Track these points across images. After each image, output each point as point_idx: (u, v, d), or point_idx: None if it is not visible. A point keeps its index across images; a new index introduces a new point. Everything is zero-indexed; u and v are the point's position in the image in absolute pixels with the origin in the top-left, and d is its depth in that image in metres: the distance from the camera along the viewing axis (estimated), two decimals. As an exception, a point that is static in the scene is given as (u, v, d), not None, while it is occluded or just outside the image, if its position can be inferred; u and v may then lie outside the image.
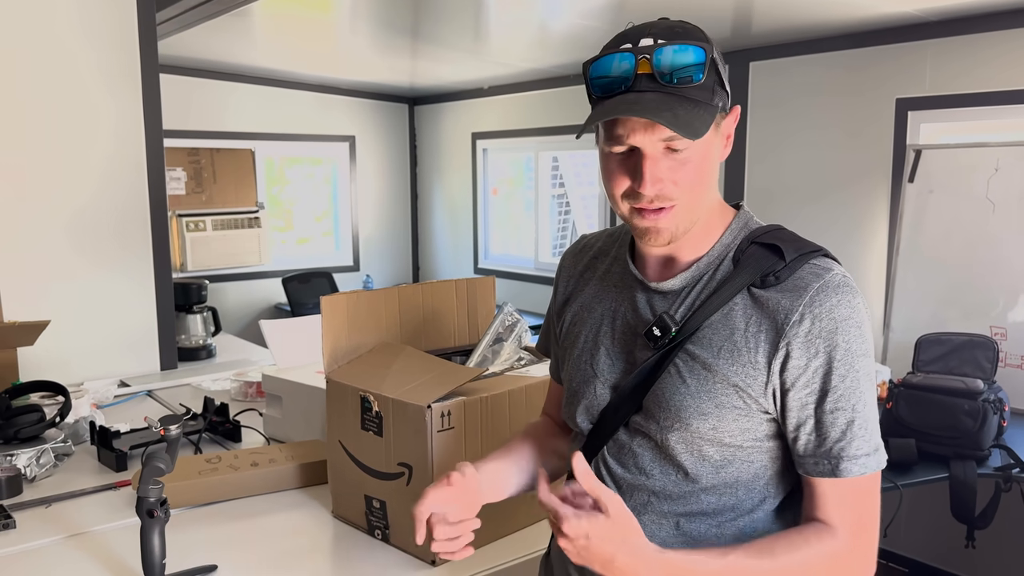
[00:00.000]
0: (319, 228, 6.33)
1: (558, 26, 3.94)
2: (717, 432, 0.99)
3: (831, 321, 0.95)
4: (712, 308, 1.00)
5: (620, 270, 1.13)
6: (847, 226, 3.73)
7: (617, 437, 1.08)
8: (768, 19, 3.49)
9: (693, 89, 0.94)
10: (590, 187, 5.51)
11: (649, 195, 0.97)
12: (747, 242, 1.03)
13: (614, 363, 1.09)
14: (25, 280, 2.50)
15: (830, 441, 0.96)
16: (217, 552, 1.45)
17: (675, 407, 1.00)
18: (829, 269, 0.98)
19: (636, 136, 0.95)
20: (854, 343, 0.95)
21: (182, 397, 2.51)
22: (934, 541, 3.47)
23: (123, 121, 2.67)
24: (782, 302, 0.97)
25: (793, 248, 1.00)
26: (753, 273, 1.00)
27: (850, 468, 0.95)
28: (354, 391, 1.48)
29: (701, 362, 0.99)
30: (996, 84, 3.23)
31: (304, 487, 1.74)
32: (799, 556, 0.96)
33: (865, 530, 0.98)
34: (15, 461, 1.79)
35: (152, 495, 1.26)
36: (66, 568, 1.41)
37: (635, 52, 0.95)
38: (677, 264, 1.06)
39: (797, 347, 0.95)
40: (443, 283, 1.77)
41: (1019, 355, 3.02)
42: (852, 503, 0.97)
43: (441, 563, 1.40)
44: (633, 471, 1.05)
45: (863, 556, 0.99)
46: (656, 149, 0.96)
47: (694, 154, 0.97)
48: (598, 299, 1.15)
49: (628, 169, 0.98)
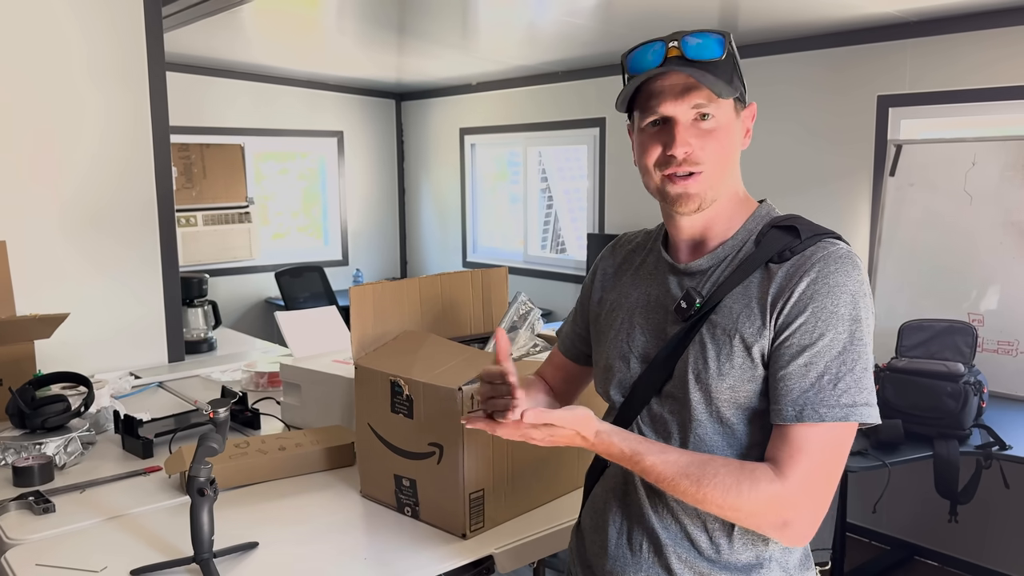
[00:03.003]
0: (307, 223, 6.36)
1: (546, 23, 4.01)
2: (735, 392, 1.08)
3: (824, 285, 1.05)
4: (734, 282, 1.11)
5: (654, 259, 1.25)
6: (830, 219, 3.84)
7: (650, 407, 1.17)
8: (753, 18, 3.59)
9: (716, 65, 1.09)
10: (573, 181, 5.60)
11: (679, 156, 1.09)
12: (768, 227, 1.15)
13: (648, 339, 1.19)
14: (36, 274, 2.55)
15: (798, 391, 1.03)
16: (255, 530, 1.52)
17: (698, 370, 1.10)
18: (836, 244, 1.09)
19: (668, 105, 1.09)
20: (842, 307, 1.04)
21: (192, 388, 2.57)
22: (918, 518, 3.61)
23: (131, 117, 2.72)
24: (790, 270, 1.08)
25: (809, 230, 1.12)
26: (771, 250, 1.11)
27: (811, 415, 1.02)
28: (384, 376, 1.56)
29: (722, 328, 1.10)
30: (974, 82, 3.36)
31: (330, 469, 1.82)
32: (732, 480, 1.02)
33: (814, 481, 1.03)
34: (44, 449, 1.85)
35: (203, 474, 1.33)
36: (112, 546, 1.48)
37: (665, 41, 1.10)
38: (705, 248, 1.17)
39: (790, 305, 1.05)
40: (459, 274, 1.86)
41: (996, 340, 3.16)
42: (808, 451, 1.02)
43: (471, 536, 1.49)
44: (663, 436, 1.14)
45: (805, 506, 1.03)
46: (687, 116, 1.09)
47: (719, 126, 1.10)
48: (634, 286, 1.25)
49: (661, 139, 1.11)
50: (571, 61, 4.84)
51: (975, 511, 3.33)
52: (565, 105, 5.22)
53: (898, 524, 3.69)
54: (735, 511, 1.03)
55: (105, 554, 1.44)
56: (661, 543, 1.13)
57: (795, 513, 1.03)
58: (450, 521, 1.50)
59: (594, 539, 1.24)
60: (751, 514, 1.03)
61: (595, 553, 1.23)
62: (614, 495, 1.20)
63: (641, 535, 1.15)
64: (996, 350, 3.16)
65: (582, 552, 1.27)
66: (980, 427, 2.65)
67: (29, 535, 1.51)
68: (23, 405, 1.91)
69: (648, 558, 1.15)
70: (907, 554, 3.63)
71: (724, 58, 1.09)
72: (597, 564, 1.22)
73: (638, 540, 1.16)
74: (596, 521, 1.24)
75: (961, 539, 3.49)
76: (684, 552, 1.12)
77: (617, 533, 1.18)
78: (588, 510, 1.28)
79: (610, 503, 1.20)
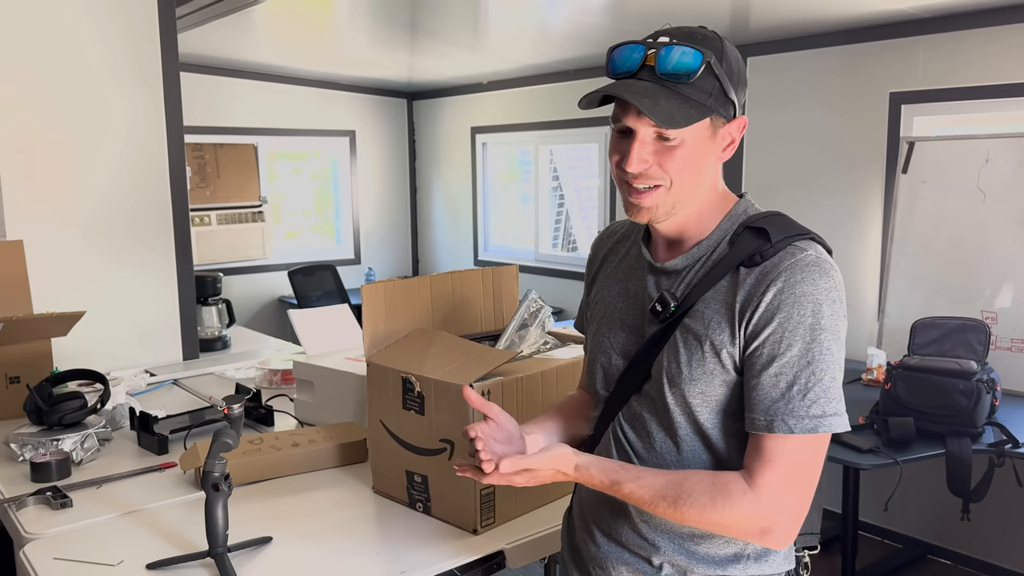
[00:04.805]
0: (320, 222, 6.40)
1: (557, 22, 4.01)
2: (706, 397, 1.09)
3: (791, 295, 1.04)
4: (706, 285, 1.12)
5: (636, 252, 1.26)
6: (843, 216, 3.84)
7: (630, 404, 1.19)
8: (765, 16, 3.58)
9: (686, 87, 1.06)
10: (584, 180, 5.60)
11: (633, 172, 1.09)
12: (742, 227, 1.14)
13: (627, 336, 1.21)
14: (53, 273, 2.58)
15: (768, 400, 1.05)
16: (269, 525, 1.54)
17: (672, 373, 1.11)
18: (804, 250, 1.08)
19: (631, 119, 1.08)
20: (808, 317, 1.04)
21: (207, 385, 2.60)
22: (931, 516, 3.60)
23: (146, 117, 2.75)
24: (758, 277, 1.07)
25: (780, 231, 1.10)
26: (742, 254, 1.11)
27: (780, 427, 1.03)
28: (395, 373, 1.57)
29: (693, 333, 1.11)
30: (987, 78, 3.34)
31: (342, 466, 1.84)
32: (707, 498, 1.04)
33: (786, 490, 1.04)
34: (61, 445, 1.88)
35: (217, 469, 1.35)
36: (128, 541, 1.50)
37: (647, 46, 1.08)
38: (681, 247, 1.18)
39: (758, 315, 1.05)
40: (470, 272, 1.87)
41: (1009, 338, 3.15)
42: (779, 462, 1.04)
43: (482, 531, 1.50)
44: (642, 435, 1.17)
45: (780, 514, 1.04)
46: (647, 133, 1.08)
47: (684, 144, 1.08)
48: (616, 278, 1.27)
49: (623, 147, 1.11)
50: (582, 60, 4.84)
51: (988, 509, 3.32)
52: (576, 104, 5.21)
53: (910, 522, 3.68)
54: (715, 525, 1.07)
55: (121, 548, 1.46)
56: (642, 535, 1.16)
57: (772, 522, 1.05)
58: (461, 517, 1.51)
59: (581, 526, 1.28)
60: (730, 527, 1.06)
61: (582, 539, 1.26)
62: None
63: (623, 527, 1.18)
64: (1010, 348, 3.15)
65: (571, 537, 1.32)
66: (993, 425, 2.64)
67: (47, 529, 1.54)
68: (40, 402, 1.94)
69: (630, 548, 1.18)
70: (919, 552, 3.62)
71: (700, 74, 1.05)
72: (584, 550, 1.25)
73: (620, 531, 1.19)
74: (583, 510, 1.27)
75: (974, 537, 3.47)
76: (665, 544, 1.15)
77: (602, 523, 1.22)
78: (577, 499, 1.32)
79: (595, 495, 1.21)
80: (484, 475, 1.09)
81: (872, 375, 3.24)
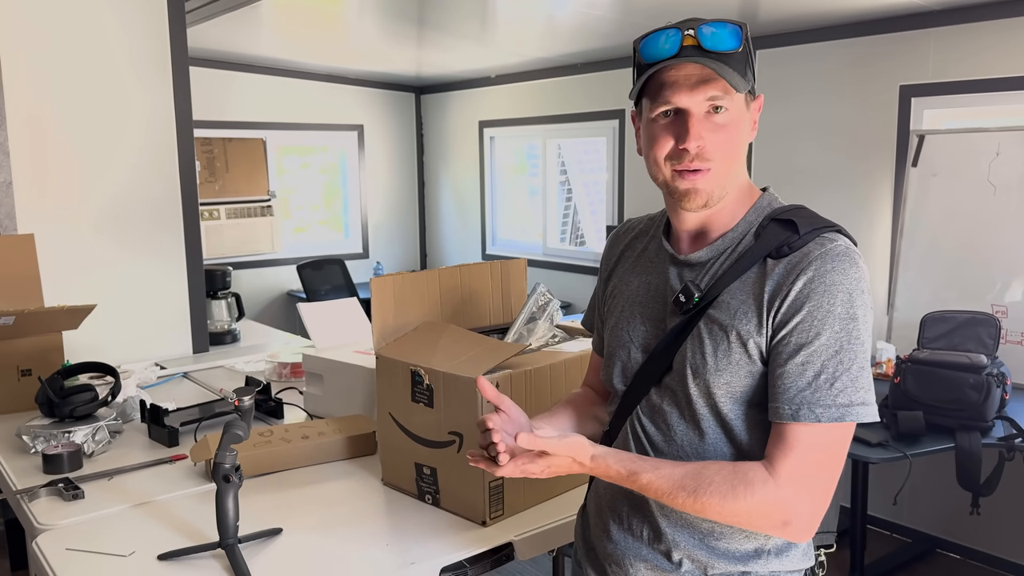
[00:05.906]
0: (328, 216, 6.41)
1: (565, 15, 4.00)
2: (731, 388, 1.09)
3: (821, 284, 1.04)
4: (732, 276, 1.11)
5: (656, 247, 1.25)
6: (852, 210, 3.83)
7: (650, 397, 1.18)
8: (775, 8, 3.57)
9: (731, 57, 1.07)
10: (592, 174, 5.59)
11: (692, 150, 1.08)
12: (768, 219, 1.14)
13: (648, 329, 1.20)
14: (64, 266, 2.60)
15: (795, 389, 1.04)
16: (279, 516, 1.55)
17: (696, 364, 1.10)
18: (834, 240, 1.08)
19: (682, 96, 1.08)
20: (838, 306, 1.03)
21: (216, 378, 2.61)
22: (940, 511, 3.59)
23: (155, 111, 2.76)
24: (787, 267, 1.07)
25: (808, 223, 1.11)
26: (769, 245, 1.10)
27: (807, 415, 1.02)
28: (404, 366, 1.58)
29: (719, 324, 1.10)
30: (997, 71, 3.32)
31: (352, 458, 1.84)
32: (728, 487, 1.03)
33: (809, 480, 1.03)
34: (72, 437, 1.89)
35: (228, 461, 1.36)
36: (140, 532, 1.51)
37: (681, 29, 1.08)
38: (705, 239, 1.17)
39: (787, 304, 1.05)
40: (479, 265, 1.87)
41: (1020, 332, 3.13)
42: (803, 451, 1.03)
43: (491, 523, 1.51)
44: (662, 428, 1.16)
45: (802, 505, 1.03)
46: (700, 108, 1.08)
47: (730, 120, 1.09)
48: (635, 273, 1.26)
49: (672, 131, 1.10)
50: (590, 53, 4.83)
51: (997, 503, 3.31)
52: (584, 97, 5.22)
53: (919, 516, 3.67)
54: (735, 516, 1.05)
55: (133, 539, 1.47)
56: (661, 530, 1.15)
57: (793, 513, 1.04)
58: (470, 509, 1.52)
59: (597, 522, 1.26)
60: (751, 517, 1.05)
61: (597, 536, 1.25)
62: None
63: (642, 522, 1.17)
64: (1020, 342, 3.14)
65: (586, 534, 1.31)
66: (1003, 419, 2.63)
67: (59, 520, 1.55)
68: (52, 394, 1.95)
69: (648, 544, 1.17)
70: (929, 546, 3.61)
71: (740, 50, 1.08)
72: (600, 547, 1.24)
73: (639, 526, 1.18)
74: (599, 505, 1.26)
75: (983, 531, 3.46)
76: (683, 540, 1.14)
77: (619, 518, 1.21)
78: (593, 494, 1.30)
79: (613, 488, 1.21)
80: (498, 467, 1.08)
81: (881, 369, 3.24)
